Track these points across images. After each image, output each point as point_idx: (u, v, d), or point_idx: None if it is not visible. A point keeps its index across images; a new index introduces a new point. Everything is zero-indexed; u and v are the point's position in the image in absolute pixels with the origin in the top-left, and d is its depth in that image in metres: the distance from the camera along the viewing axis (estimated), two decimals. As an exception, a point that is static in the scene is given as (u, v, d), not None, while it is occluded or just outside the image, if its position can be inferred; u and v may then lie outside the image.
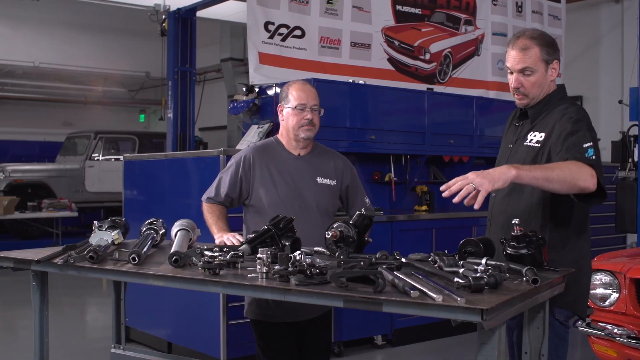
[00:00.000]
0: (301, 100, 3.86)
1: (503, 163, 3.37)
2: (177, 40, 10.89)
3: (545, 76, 3.31)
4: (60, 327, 7.96)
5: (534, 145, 3.29)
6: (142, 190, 7.25)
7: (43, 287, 3.66)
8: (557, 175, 2.95)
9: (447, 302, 2.33)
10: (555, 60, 3.31)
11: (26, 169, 15.93)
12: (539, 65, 3.29)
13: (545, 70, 3.30)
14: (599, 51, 13.11)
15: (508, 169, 2.90)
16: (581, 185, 2.98)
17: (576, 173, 2.97)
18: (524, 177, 2.91)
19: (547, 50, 3.28)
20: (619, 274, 4.73)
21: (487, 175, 2.86)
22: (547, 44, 3.30)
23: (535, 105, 3.37)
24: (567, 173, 2.97)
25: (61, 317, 8.52)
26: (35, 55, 19.47)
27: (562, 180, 2.96)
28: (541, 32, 3.39)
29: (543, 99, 3.36)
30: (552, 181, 2.95)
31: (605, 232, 8.45)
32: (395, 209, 7.90)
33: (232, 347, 5.85)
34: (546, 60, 3.28)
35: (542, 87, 3.33)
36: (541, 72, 3.29)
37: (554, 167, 3.01)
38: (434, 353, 6.90)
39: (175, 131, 10.95)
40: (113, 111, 23.73)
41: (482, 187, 2.82)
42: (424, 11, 8.76)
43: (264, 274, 2.81)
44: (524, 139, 3.37)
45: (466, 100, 8.16)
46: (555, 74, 3.32)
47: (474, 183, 2.83)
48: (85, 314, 9.38)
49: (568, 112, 3.25)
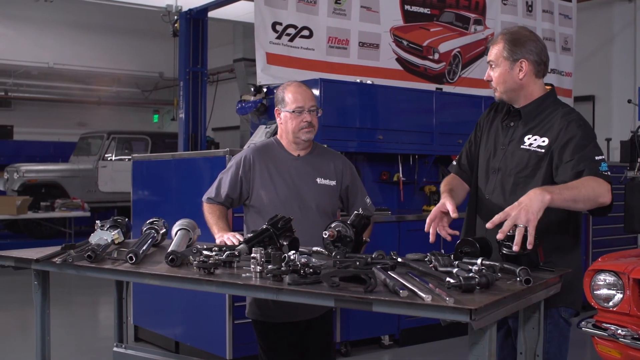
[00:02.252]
0: (298, 103, 3.86)
1: (497, 165, 3.37)
2: (189, 40, 10.93)
3: (510, 73, 3.27)
4: (70, 325, 8.04)
5: (536, 150, 3.25)
6: (150, 190, 7.30)
7: (44, 286, 3.69)
8: (583, 195, 2.98)
9: (436, 302, 2.33)
10: (521, 59, 3.25)
11: (40, 169, 16.06)
12: (501, 61, 3.28)
13: (510, 68, 3.27)
14: (611, 50, 13.02)
15: (542, 195, 2.87)
16: (601, 201, 3.02)
17: (597, 190, 3.01)
18: (556, 200, 2.91)
19: (510, 48, 3.26)
20: (623, 275, 4.70)
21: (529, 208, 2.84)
22: (512, 41, 3.27)
23: (527, 105, 3.34)
24: (591, 191, 3.00)
25: (72, 315, 8.60)
26: (50, 56, 19.64)
27: (587, 199, 3.00)
28: (515, 31, 3.36)
29: (537, 100, 3.33)
30: (579, 201, 2.99)
31: (615, 232, 8.41)
32: (404, 209, 7.89)
33: (237, 346, 5.88)
34: (506, 57, 3.26)
35: (507, 83, 3.29)
36: (504, 68, 3.28)
37: (579, 186, 3.02)
38: (441, 353, 6.89)
39: (187, 131, 10.99)
40: (127, 111, 23.82)
41: (530, 225, 2.82)
42: (433, 11, 8.75)
43: (257, 273, 2.83)
44: (519, 142, 3.32)
45: (475, 100, 8.13)
46: (522, 73, 3.26)
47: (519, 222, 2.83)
48: (98, 313, 9.43)
49: (574, 118, 3.22)
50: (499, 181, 3.38)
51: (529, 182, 3.24)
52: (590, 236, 8.43)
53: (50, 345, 3.77)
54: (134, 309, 7.16)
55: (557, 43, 10.13)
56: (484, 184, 3.47)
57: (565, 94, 10.14)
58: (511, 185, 3.32)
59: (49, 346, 3.76)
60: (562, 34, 10.19)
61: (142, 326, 7.18)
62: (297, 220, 3.50)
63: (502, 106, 3.48)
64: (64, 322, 8.13)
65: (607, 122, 12.32)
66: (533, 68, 3.28)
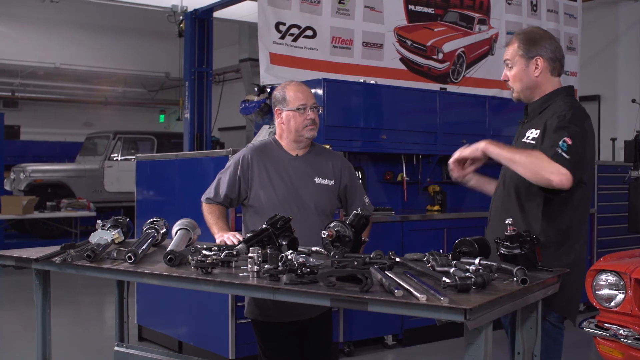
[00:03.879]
0: (301, 101, 3.87)
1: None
2: (194, 41, 10.97)
3: (526, 71, 3.39)
4: (75, 324, 8.06)
5: (530, 142, 3.34)
6: (154, 190, 7.31)
7: (45, 286, 3.72)
8: (524, 161, 3.12)
9: (431, 302, 2.34)
10: (536, 57, 3.36)
11: (46, 169, 16.12)
12: (517, 60, 3.40)
13: (526, 66, 3.38)
14: (617, 50, 12.99)
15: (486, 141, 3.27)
16: (547, 177, 3.06)
17: (542, 164, 3.06)
18: (491, 150, 3.22)
19: (525, 47, 3.38)
20: (625, 275, 4.69)
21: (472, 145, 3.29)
22: (526, 40, 3.39)
23: (533, 103, 3.44)
24: (534, 160, 3.09)
25: (77, 315, 8.64)
26: (56, 56, 19.73)
27: (525, 165, 3.12)
28: (529, 30, 3.50)
29: (543, 97, 3.41)
30: (517, 163, 3.15)
31: (619, 232, 8.39)
32: (408, 208, 7.88)
33: (240, 346, 5.88)
34: (522, 56, 3.37)
35: (523, 81, 3.41)
36: (520, 66, 3.39)
37: (522, 151, 3.20)
38: (445, 353, 6.87)
39: (192, 131, 11.02)
40: (133, 112, 23.89)
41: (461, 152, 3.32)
42: (436, 11, 8.74)
43: (254, 272, 2.84)
44: (522, 137, 3.43)
45: (479, 100, 8.11)
46: (538, 71, 3.36)
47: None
48: (103, 313, 9.44)
49: (560, 108, 3.27)
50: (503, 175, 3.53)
51: None
52: (595, 236, 8.41)
53: (51, 344, 3.79)
54: (138, 308, 7.18)
55: (562, 43, 10.10)
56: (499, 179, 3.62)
57: (570, 94, 10.12)
58: (508, 177, 3.44)
59: (49, 345, 3.78)
60: (567, 34, 10.17)
61: (146, 326, 7.20)
62: (295, 220, 3.50)
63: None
64: (69, 321, 8.16)
65: (613, 122, 12.28)
66: (548, 65, 3.38)
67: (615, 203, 8.46)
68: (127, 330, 4.44)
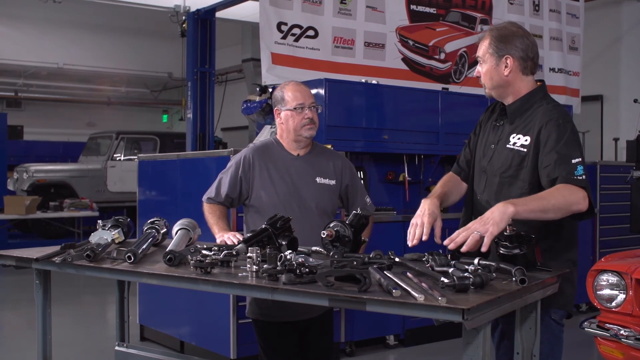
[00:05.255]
0: (299, 100, 3.87)
1: (485, 164, 3.37)
2: (197, 41, 10.98)
3: (496, 69, 3.26)
4: (77, 324, 8.08)
5: (519, 149, 3.23)
6: (156, 190, 7.32)
7: (46, 286, 3.72)
8: (553, 206, 2.96)
9: (429, 302, 2.33)
10: (506, 56, 3.23)
11: (49, 169, 16.15)
12: (487, 57, 3.26)
13: (496, 64, 3.25)
14: (619, 50, 12.96)
15: (505, 208, 2.88)
16: (574, 209, 3.00)
17: (569, 198, 2.98)
18: (521, 212, 2.90)
19: (495, 45, 3.24)
20: (626, 275, 4.68)
21: (489, 220, 2.87)
22: (497, 37, 3.25)
23: (513, 103, 3.33)
24: (562, 201, 2.97)
25: (80, 314, 8.65)
26: (59, 56, 19.76)
27: (557, 209, 2.98)
28: (502, 27, 3.34)
29: (522, 97, 3.30)
30: (548, 211, 2.97)
31: (621, 232, 8.38)
32: (409, 208, 7.87)
33: (242, 345, 5.89)
34: (492, 54, 3.25)
35: (494, 79, 3.28)
36: (490, 64, 3.26)
37: (547, 197, 3.00)
38: (447, 353, 6.87)
39: (195, 131, 11.03)
40: (136, 112, 23.92)
41: (487, 233, 2.85)
42: (438, 10, 8.74)
43: (253, 272, 2.84)
44: (506, 141, 3.31)
45: (481, 100, 8.07)
46: (508, 70, 3.24)
47: (478, 232, 2.87)
48: (106, 312, 9.45)
49: (553, 116, 3.18)
50: (488, 181, 3.38)
51: (513, 182, 3.24)
52: (597, 236, 8.41)
53: (51, 343, 3.80)
54: (140, 308, 7.19)
55: (565, 42, 10.10)
56: (477, 183, 3.47)
57: (572, 94, 10.12)
58: (497, 186, 3.32)
59: (50, 344, 3.78)
60: (569, 34, 10.16)
61: (148, 326, 7.21)
62: (296, 219, 3.51)
63: (500, 105, 3.46)
64: (72, 320, 8.18)
65: (615, 122, 12.25)
66: (519, 64, 3.25)
67: (618, 203, 8.45)
68: (128, 330, 4.44)
